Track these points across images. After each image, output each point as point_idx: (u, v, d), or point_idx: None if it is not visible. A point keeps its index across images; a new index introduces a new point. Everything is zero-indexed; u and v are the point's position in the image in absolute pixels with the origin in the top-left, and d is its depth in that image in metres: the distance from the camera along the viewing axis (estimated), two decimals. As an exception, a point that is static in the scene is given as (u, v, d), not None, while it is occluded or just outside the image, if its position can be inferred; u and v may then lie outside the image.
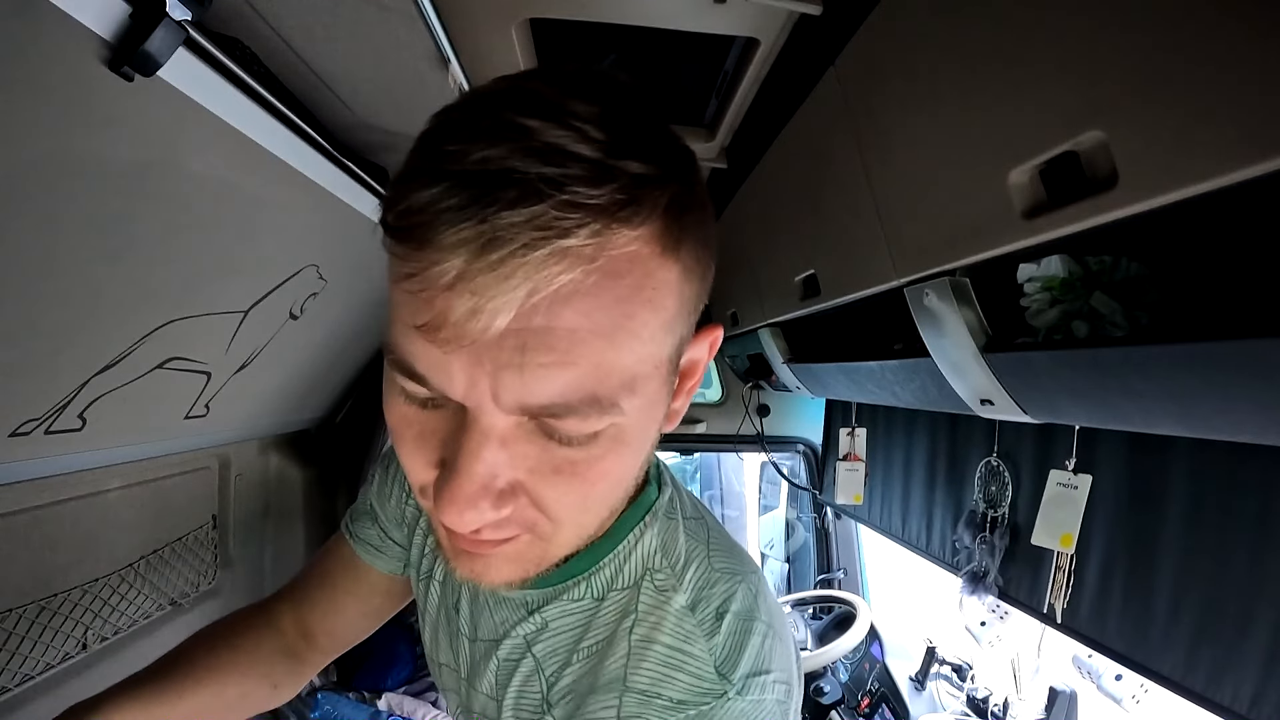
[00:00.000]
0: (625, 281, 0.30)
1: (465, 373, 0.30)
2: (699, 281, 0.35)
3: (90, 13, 0.52)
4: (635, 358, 0.32)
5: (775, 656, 0.43)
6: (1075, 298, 0.69)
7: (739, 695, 0.40)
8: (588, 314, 0.29)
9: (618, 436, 0.33)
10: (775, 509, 2.73)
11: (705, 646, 0.42)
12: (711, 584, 0.45)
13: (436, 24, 0.80)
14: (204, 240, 0.86)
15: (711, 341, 0.40)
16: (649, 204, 0.30)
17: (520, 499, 0.33)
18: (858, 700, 1.73)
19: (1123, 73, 0.46)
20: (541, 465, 0.33)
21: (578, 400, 0.30)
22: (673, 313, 0.33)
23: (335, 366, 1.66)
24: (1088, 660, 1.54)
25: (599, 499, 0.36)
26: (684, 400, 0.40)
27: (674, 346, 0.35)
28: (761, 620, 0.44)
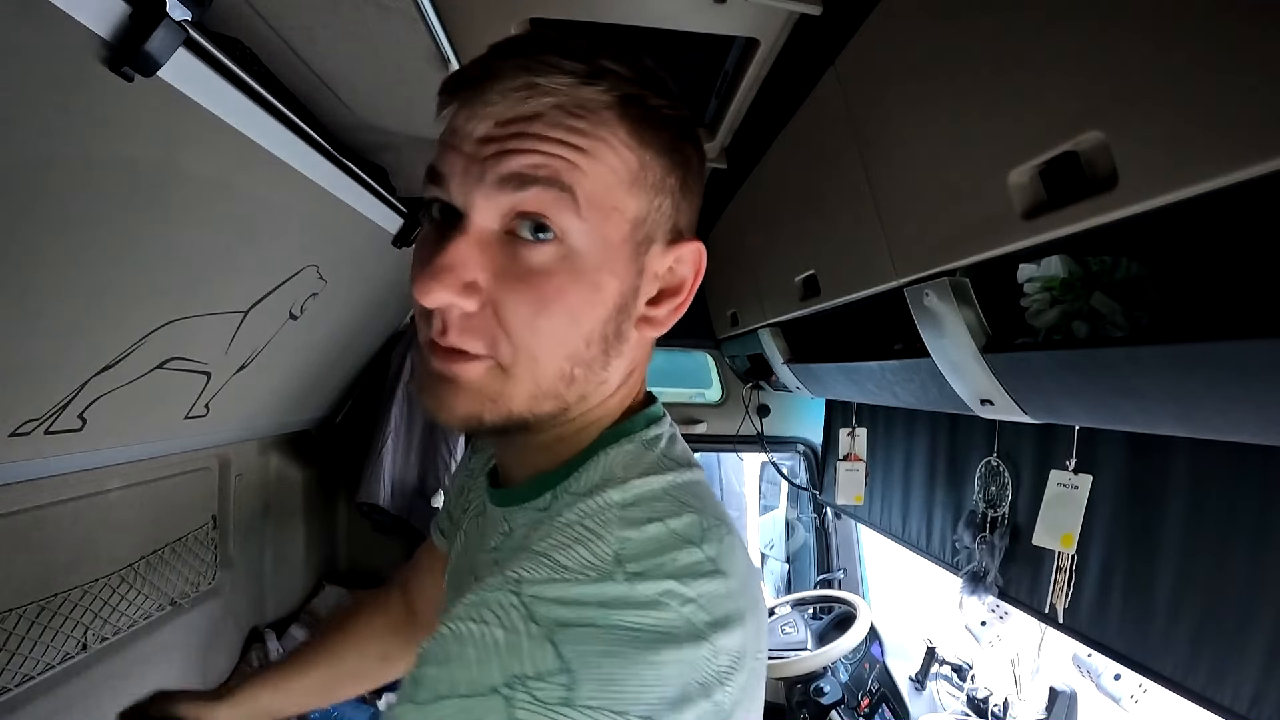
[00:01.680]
0: (584, 120, 0.39)
1: (461, 161, 0.39)
2: (662, 170, 0.42)
3: (90, 13, 0.52)
4: (588, 179, 0.39)
5: (705, 584, 0.37)
6: (1075, 298, 0.69)
7: (627, 581, 0.35)
8: (553, 127, 0.38)
9: (570, 260, 0.39)
10: (775, 509, 2.73)
11: (617, 535, 0.38)
12: (658, 498, 0.42)
13: (436, 24, 0.80)
14: (204, 240, 0.86)
15: (695, 260, 0.46)
16: (610, 82, 0.39)
17: (483, 310, 0.39)
18: (858, 700, 1.73)
19: (1123, 73, 0.46)
20: (505, 273, 0.39)
21: (546, 174, 0.38)
22: (633, 168, 0.41)
23: (335, 366, 1.66)
24: (1087, 660, 1.54)
25: (551, 321, 0.40)
26: (666, 312, 0.45)
27: (638, 211, 0.41)
28: (703, 551, 0.39)
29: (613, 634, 0.33)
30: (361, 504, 1.77)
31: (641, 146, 0.41)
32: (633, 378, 0.49)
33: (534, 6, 0.85)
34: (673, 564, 0.37)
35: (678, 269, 0.46)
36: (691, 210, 0.47)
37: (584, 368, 0.42)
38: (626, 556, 0.37)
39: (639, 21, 0.88)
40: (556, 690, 0.31)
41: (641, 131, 0.41)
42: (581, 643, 0.32)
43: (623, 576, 0.36)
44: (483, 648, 0.33)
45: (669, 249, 0.44)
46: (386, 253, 1.38)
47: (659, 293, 0.45)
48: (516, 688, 0.31)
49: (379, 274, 1.46)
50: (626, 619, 0.34)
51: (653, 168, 0.42)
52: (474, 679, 0.31)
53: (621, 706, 0.31)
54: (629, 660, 0.32)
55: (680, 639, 0.34)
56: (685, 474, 0.45)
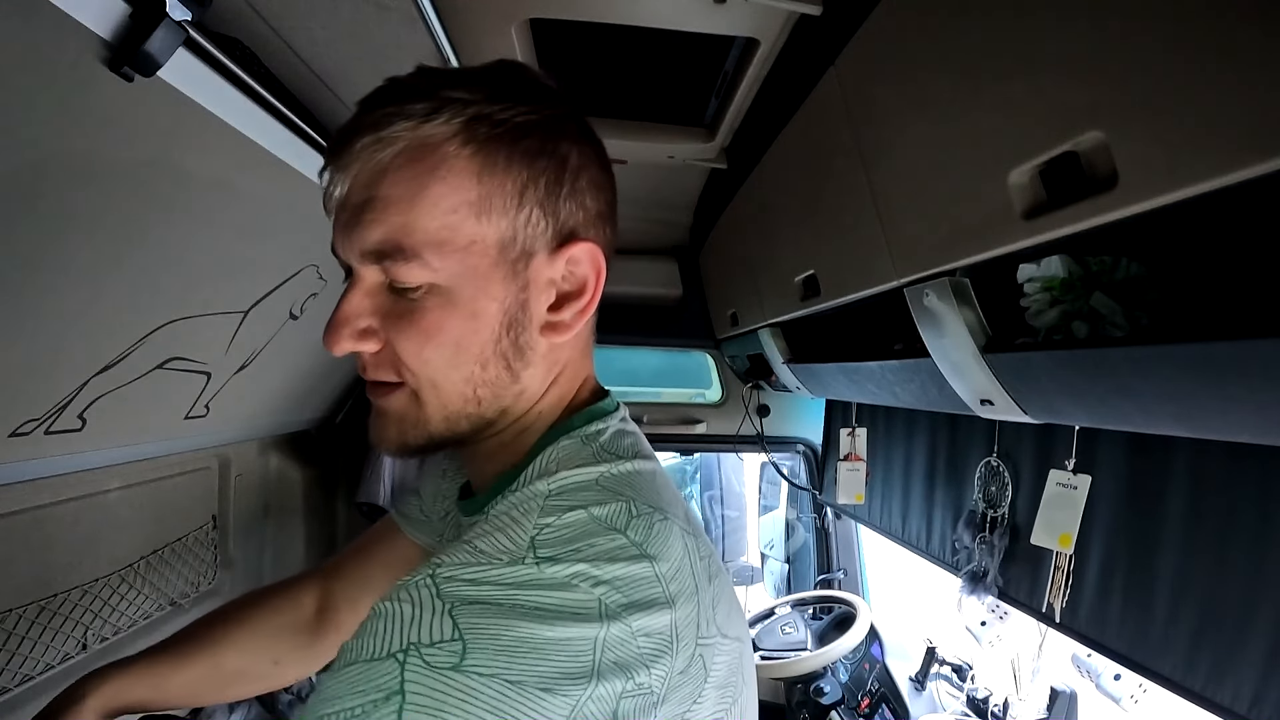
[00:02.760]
0: (423, 163, 0.41)
1: (339, 232, 0.44)
2: (517, 184, 0.43)
3: (90, 13, 0.52)
4: (436, 224, 0.42)
5: (622, 567, 0.37)
6: (1075, 298, 0.69)
7: (537, 565, 0.36)
8: (395, 185, 0.41)
9: (443, 297, 0.42)
10: (775, 509, 2.73)
11: (536, 522, 0.39)
12: (585, 488, 0.42)
13: (436, 24, 0.81)
14: (204, 240, 0.86)
15: (591, 260, 0.46)
16: (452, 111, 0.42)
17: (385, 347, 0.44)
18: (858, 700, 1.73)
19: (1123, 73, 0.46)
20: (391, 313, 0.43)
21: (390, 247, 0.41)
22: (475, 195, 0.42)
23: (335, 366, 1.66)
24: (1087, 660, 1.54)
25: (436, 352, 0.43)
26: (571, 315, 0.46)
27: (500, 233, 0.43)
28: (626, 537, 0.39)
29: (514, 610, 0.34)
30: (361, 504, 1.76)
31: (488, 169, 0.42)
32: (563, 378, 0.50)
33: (534, 6, 0.85)
34: (589, 549, 0.38)
35: (575, 271, 0.46)
36: (583, 207, 0.46)
37: (487, 387, 0.45)
38: (540, 541, 0.38)
39: (639, 21, 0.88)
40: (448, 657, 0.32)
41: (488, 151, 0.42)
42: (480, 616, 0.34)
43: (533, 559, 0.37)
44: (390, 619, 0.34)
45: (556, 254, 0.45)
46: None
47: (559, 297, 0.46)
48: (411, 653, 0.32)
49: (379, 274, 1.46)
50: (530, 598, 0.35)
51: (505, 187, 0.43)
52: (376, 646, 0.33)
53: (516, 676, 0.32)
54: (528, 633, 0.33)
55: (588, 617, 0.35)
56: (623, 465, 0.45)
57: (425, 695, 0.31)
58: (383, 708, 0.30)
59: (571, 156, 0.45)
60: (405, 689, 0.31)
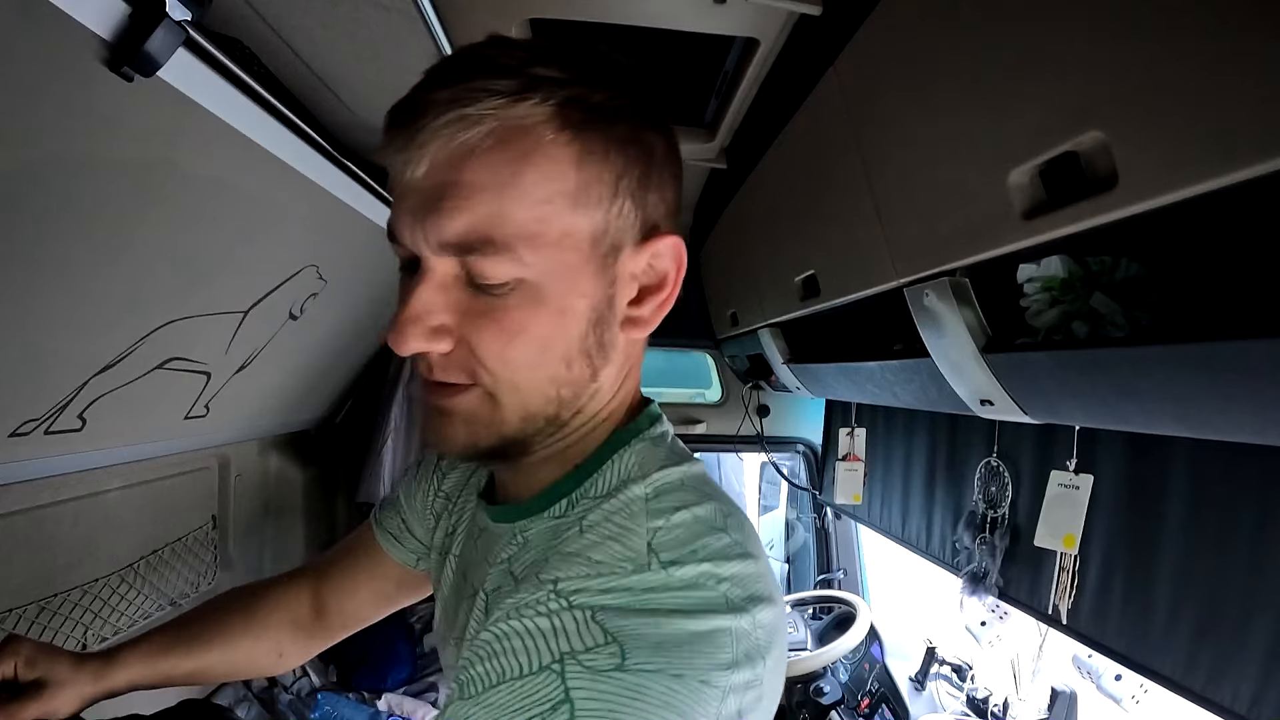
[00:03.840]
0: (516, 147, 0.37)
1: (408, 218, 0.39)
2: (613, 174, 0.40)
3: (90, 13, 0.52)
4: (529, 215, 0.38)
5: (736, 565, 0.38)
6: (1075, 298, 0.69)
7: (663, 569, 0.36)
8: (483, 169, 0.37)
9: (531, 293, 0.39)
10: (775, 509, 2.73)
11: (647, 526, 0.39)
12: (678, 488, 0.42)
13: (436, 24, 0.81)
14: (204, 240, 0.86)
15: (674, 254, 0.44)
16: (545, 91, 0.38)
17: (459, 346, 0.40)
18: (858, 701, 1.73)
19: (1123, 73, 0.46)
20: (469, 310, 0.39)
21: (477, 239, 0.37)
22: (572, 185, 0.39)
23: (335, 366, 1.66)
24: (1088, 660, 1.54)
25: (520, 352, 0.40)
26: (651, 310, 0.44)
27: (595, 226, 0.40)
28: (729, 536, 0.40)
29: (657, 613, 0.34)
30: (361, 504, 1.77)
31: (585, 158, 0.39)
32: (629, 378, 0.49)
33: (534, 7, 0.85)
34: (704, 549, 0.38)
35: (657, 264, 0.44)
36: (665, 201, 0.44)
37: (569, 386, 0.43)
38: (659, 546, 0.38)
39: (639, 21, 0.88)
40: (608, 659, 0.31)
41: (586, 137, 0.39)
42: (627, 619, 0.33)
43: (658, 565, 0.37)
44: (529, 637, 0.33)
45: (642, 248, 0.43)
46: (386, 253, 1.36)
47: (640, 291, 0.44)
48: (568, 661, 0.31)
49: (379, 274, 1.46)
50: (668, 601, 0.35)
51: (601, 177, 0.40)
52: (524, 664, 0.32)
53: (677, 670, 0.32)
54: (677, 630, 0.34)
55: (723, 610, 0.36)
56: (694, 466, 0.46)
57: (594, 699, 0.30)
58: (550, 718, 0.30)
59: (658, 147, 0.43)
60: (571, 696, 0.30)
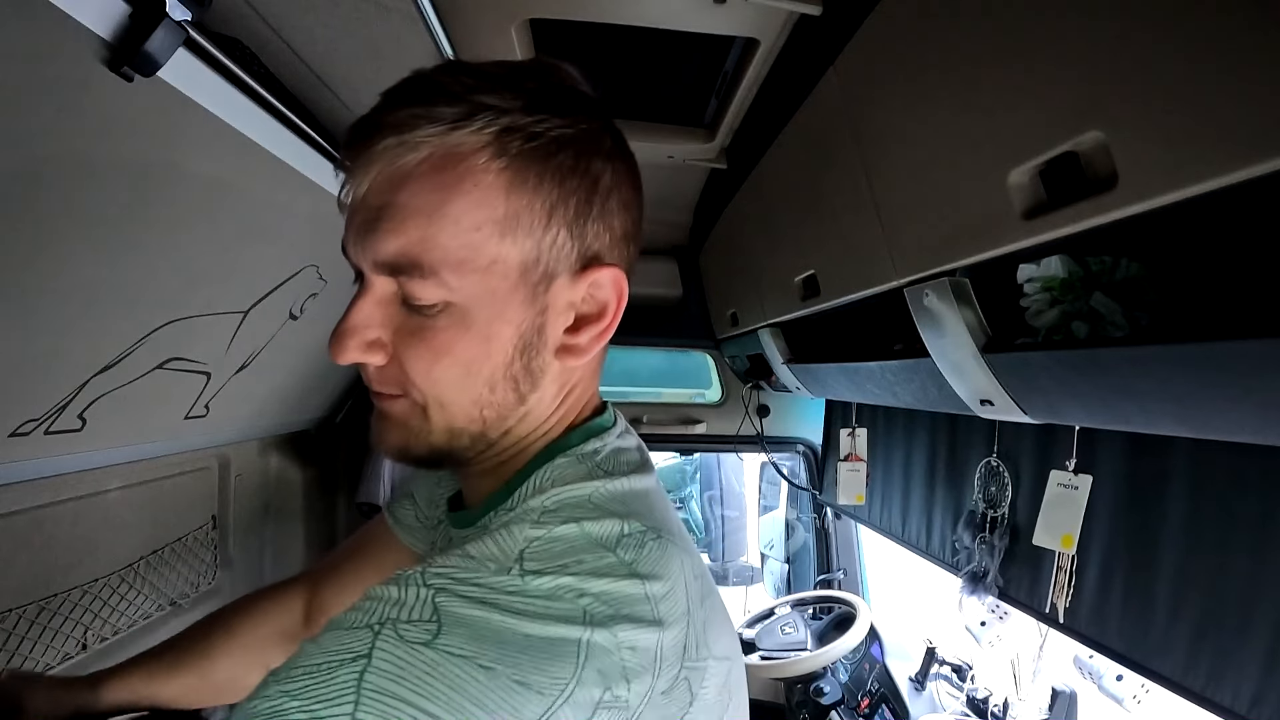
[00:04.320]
0: (449, 174, 0.39)
1: (353, 235, 0.42)
2: (546, 203, 0.41)
3: (90, 13, 0.52)
4: (457, 241, 0.40)
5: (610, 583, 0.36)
6: (1075, 298, 0.69)
7: (519, 576, 0.36)
8: (417, 194, 0.39)
9: (458, 317, 0.41)
10: (775, 509, 2.73)
11: (525, 534, 0.38)
12: (579, 505, 0.41)
13: (436, 24, 0.81)
14: (204, 240, 0.86)
15: (614, 285, 0.45)
16: (485, 120, 0.39)
17: (392, 362, 0.42)
18: (858, 701, 1.73)
19: (1123, 73, 0.46)
20: (402, 328, 0.42)
21: (406, 262, 0.40)
22: (501, 214, 0.40)
23: (335, 367, 1.66)
24: (1088, 660, 1.54)
25: (445, 372, 0.42)
26: (588, 339, 0.45)
27: (523, 255, 0.41)
28: (616, 556, 0.38)
29: (498, 609, 0.34)
30: (361, 504, 1.77)
31: (515, 187, 0.40)
32: (570, 398, 0.49)
33: (534, 6, 0.85)
34: (576, 565, 0.37)
35: (596, 294, 0.45)
36: (610, 229, 0.44)
37: (493, 409, 0.44)
38: (529, 554, 0.37)
39: (639, 21, 0.88)
40: (421, 633, 0.32)
41: (520, 166, 0.40)
42: (461, 604, 0.34)
43: (518, 571, 0.36)
44: (376, 600, 0.34)
45: (580, 277, 0.43)
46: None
47: (577, 320, 0.45)
48: (386, 626, 0.32)
49: (379, 274, 1.46)
50: (514, 602, 0.35)
51: (532, 205, 0.41)
52: (357, 619, 0.33)
53: (489, 663, 0.32)
54: (508, 627, 0.33)
55: (572, 620, 0.35)
56: (618, 482, 0.44)
57: (389, 662, 0.31)
58: (348, 667, 0.31)
59: (604, 176, 0.43)
60: (373, 653, 0.31)
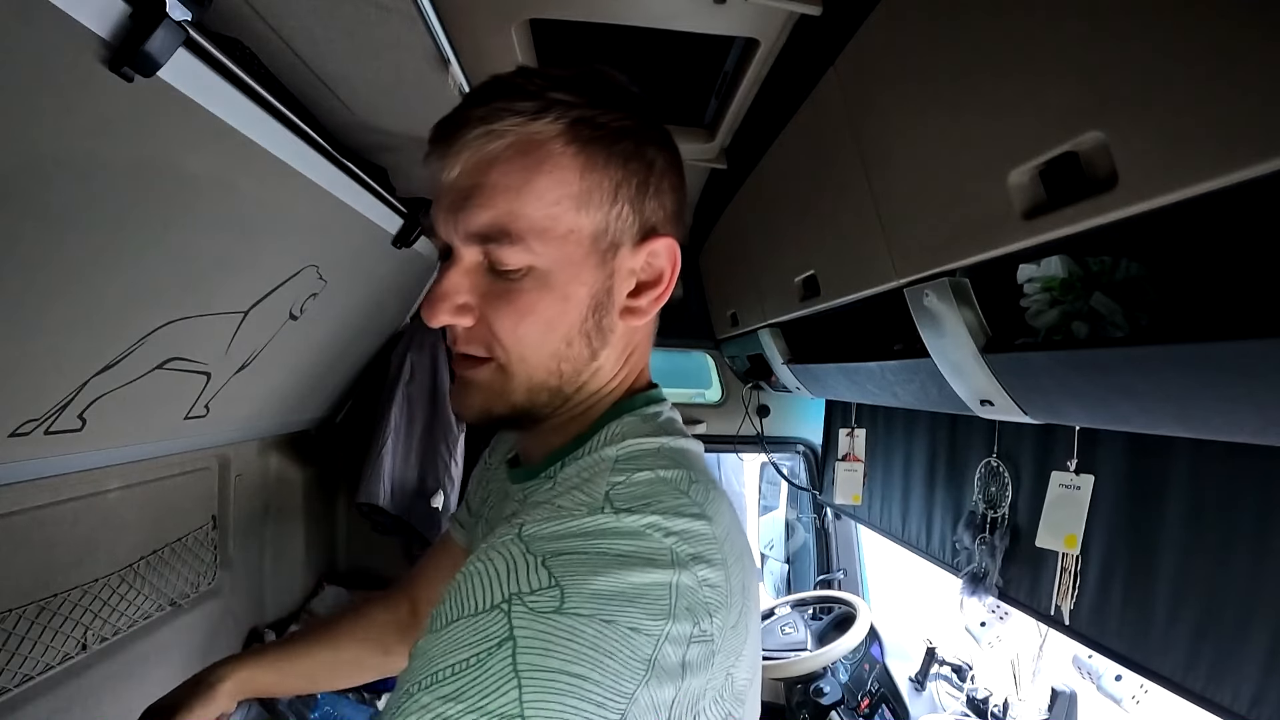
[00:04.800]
0: (531, 157, 0.45)
1: (443, 213, 0.47)
2: (613, 182, 0.47)
3: (90, 13, 0.52)
4: (540, 213, 0.45)
5: (687, 523, 0.41)
6: (1075, 298, 0.69)
7: (615, 515, 0.40)
8: (504, 174, 0.45)
9: (540, 279, 0.46)
10: (775, 510, 2.73)
11: (608, 480, 0.44)
12: (651, 454, 0.47)
13: (436, 24, 0.81)
14: (204, 240, 0.86)
15: (669, 254, 0.51)
16: (558, 112, 0.45)
17: (479, 323, 0.48)
18: (857, 701, 1.73)
19: (1123, 73, 0.46)
20: (489, 292, 0.47)
21: (497, 231, 0.45)
22: (577, 189, 0.46)
23: (335, 367, 1.66)
24: (1088, 661, 1.54)
25: (529, 329, 0.47)
26: (648, 302, 0.51)
27: (596, 225, 0.47)
28: (689, 498, 0.44)
29: (600, 558, 0.38)
30: (361, 504, 1.76)
31: (588, 168, 0.46)
32: (631, 360, 0.54)
33: (534, 6, 0.85)
34: (658, 503, 0.42)
35: (654, 263, 0.51)
36: (664, 207, 0.51)
37: (570, 362, 0.49)
38: (615, 496, 0.42)
39: (639, 22, 0.88)
40: (549, 601, 0.35)
41: (590, 151, 0.46)
42: (571, 565, 0.37)
43: (610, 510, 0.41)
44: (486, 578, 0.37)
45: (640, 247, 0.50)
46: (386, 253, 1.38)
47: (637, 285, 0.51)
48: (514, 602, 0.35)
49: (379, 274, 1.46)
50: (613, 545, 0.38)
51: (602, 184, 0.47)
52: (478, 601, 0.36)
53: (610, 616, 0.35)
54: (616, 579, 0.37)
55: (665, 564, 0.39)
56: (680, 440, 0.51)
57: (534, 637, 0.34)
58: (497, 654, 0.33)
59: (658, 161, 0.50)
60: (515, 634, 0.34)
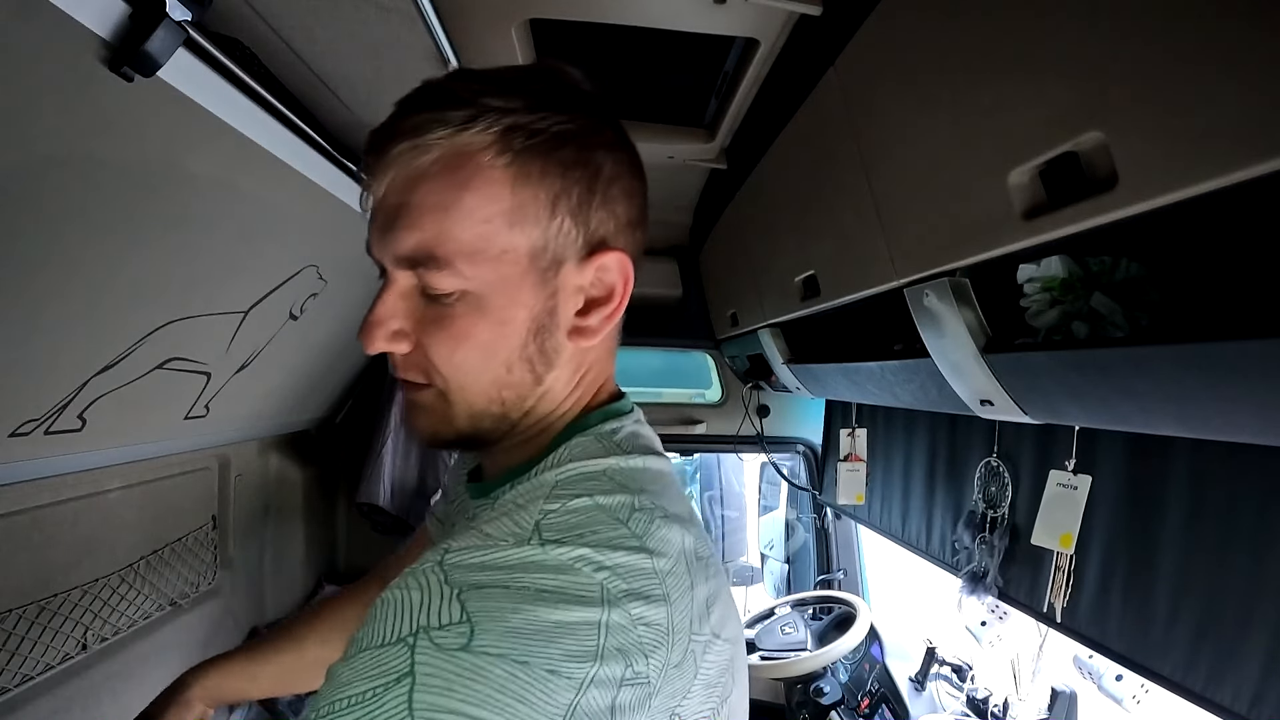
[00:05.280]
0: (460, 173, 0.42)
1: (375, 234, 0.45)
2: (550, 194, 0.44)
3: (90, 13, 0.52)
4: (469, 234, 0.42)
5: (623, 556, 0.38)
6: (1075, 298, 0.69)
7: (540, 547, 0.37)
8: (430, 192, 0.42)
9: (474, 304, 0.44)
10: (775, 510, 2.73)
11: (540, 508, 0.41)
12: (593, 478, 0.44)
13: (436, 24, 0.81)
14: (204, 240, 0.86)
15: (620, 268, 0.47)
16: (490, 120, 0.42)
17: (415, 350, 0.45)
18: (858, 701, 1.73)
19: (1123, 73, 0.46)
20: (424, 318, 0.45)
21: (424, 255, 0.42)
22: (509, 205, 0.43)
23: (335, 367, 1.66)
24: (1088, 660, 1.54)
25: (465, 356, 0.45)
26: (598, 320, 0.48)
27: (532, 243, 0.44)
28: (627, 529, 0.40)
29: (521, 593, 0.35)
30: (361, 504, 1.77)
31: (522, 180, 0.43)
32: (586, 379, 0.51)
33: (534, 6, 0.85)
34: (592, 535, 0.39)
35: (603, 278, 0.47)
36: (614, 216, 0.47)
37: (512, 389, 0.47)
38: (545, 526, 0.39)
39: (639, 22, 0.88)
40: (456, 638, 0.33)
41: (524, 161, 0.43)
42: (488, 600, 0.34)
43: (537, 541, 0.38)
44: (400, 607, 0.35)
45: (587, 262, 0.46)
46: (386, 253, 1.38)
47: (586, 303, 0.47)
48: (420, 636, 0.33)
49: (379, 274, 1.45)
50: (536, 580, 0.36)
51: (539, 197, 0.43)
52: (386, 632, 0.34)
53: (522, 657, 0.33)
54: (533, 616, 0.34)
55: (592, 601, 0.36)
56: (632, 460, 0.47)
57: (435, 675, 0.31)
58: (394, 690, 0.31)
59: (605, 166, 0.46)
60: (415, 670, 0.32)
